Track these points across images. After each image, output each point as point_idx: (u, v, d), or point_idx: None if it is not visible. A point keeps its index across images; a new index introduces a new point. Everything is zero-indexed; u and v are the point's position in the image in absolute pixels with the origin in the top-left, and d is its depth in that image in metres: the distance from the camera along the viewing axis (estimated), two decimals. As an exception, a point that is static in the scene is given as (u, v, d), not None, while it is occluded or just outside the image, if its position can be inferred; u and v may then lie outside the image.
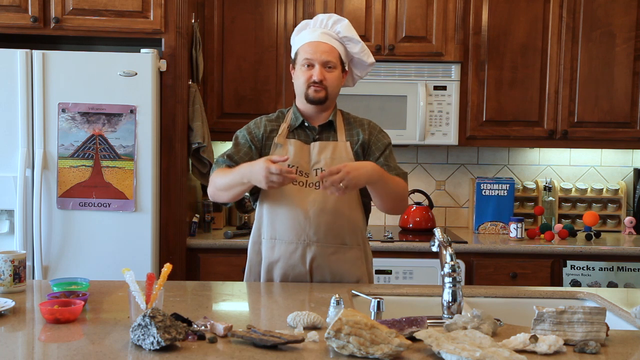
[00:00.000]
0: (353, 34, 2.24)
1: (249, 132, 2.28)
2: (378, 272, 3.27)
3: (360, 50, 2.27)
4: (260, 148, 2.27)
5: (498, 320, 1.73)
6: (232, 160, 2.23)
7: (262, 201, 2.27)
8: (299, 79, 2.23)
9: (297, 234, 2.20)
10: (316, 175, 2.20)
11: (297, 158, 2.22)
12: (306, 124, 2.27)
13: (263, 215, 2.27)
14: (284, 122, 2.29)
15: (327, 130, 2.27)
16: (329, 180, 1.97)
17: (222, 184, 2.17)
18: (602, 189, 3.84)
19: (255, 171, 2.01)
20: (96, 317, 1.78)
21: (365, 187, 2.21)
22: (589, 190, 3.86)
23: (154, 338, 1.47)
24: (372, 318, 1.74)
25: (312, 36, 2.23)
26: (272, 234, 2.24)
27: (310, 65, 2.20)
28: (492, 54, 3.56)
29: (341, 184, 1.98)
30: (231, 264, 3.27)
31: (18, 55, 3.03)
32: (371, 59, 2.32)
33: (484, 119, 3.59)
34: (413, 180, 3.94)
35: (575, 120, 3.59)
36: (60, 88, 3.05)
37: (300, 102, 2.27)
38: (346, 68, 2.30)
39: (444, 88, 3.52)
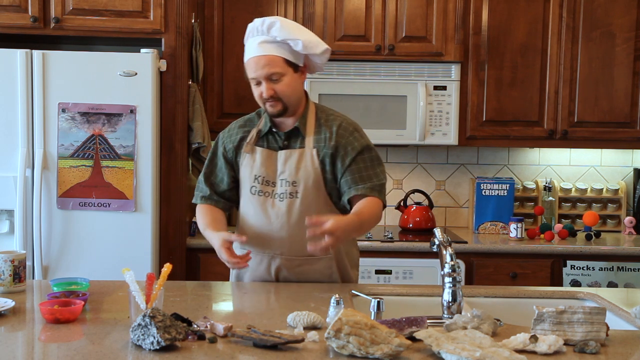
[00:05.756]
0: (289, 34, 2.08)
1: (223, 145, 2.27)
2: (378, 272, 3.27)
3: (304, 46, 2.09)
4: (232, 159, 2.25)
5: (498, 320, 1.73)
6: (207, 185, 2.28)
7: (240, 207, 2.28)
8: (254, 94, 2.16)
9: (262, 246, 2.18)
10: (281, 186, 2.15)
11: (263, 167, 2.17)
12: (274, 129, 2.20)
13: (238, 223, 2.30)
14: (257, 126, 2.23)
15: (294, 136, 2.19)
16: (319, 246, 1.91)
17: (200, 228, 2.29)
18: (602, 189, 3.84)
19: (214, 244, 2.14)
20: (96, 317, 1.78)
21: (337, 190, 2.19)
22: (589, 190, 3.86)
23: (154, 338, 1.47)
24: (372, 318, 1.74)
25: (251, 49, 2.12)
26: (243, 244, 2.22)
27: (258, 82, 2.11)
28: (492, 54, 3.56)
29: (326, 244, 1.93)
30: (231, 264, 3.27)
31: (18, 55, 3.03)
32: (321, 47, 2.14)
33: (484, 119, 3.59)
34: (413, 180, 3.94)
35: (575, 120, 3.59)
36: (60, 88, 3.05)
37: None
38: (300, 64, 2.15)
39: (444, 88, 3.52)
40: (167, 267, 1.66)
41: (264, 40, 2.10)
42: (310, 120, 2.20)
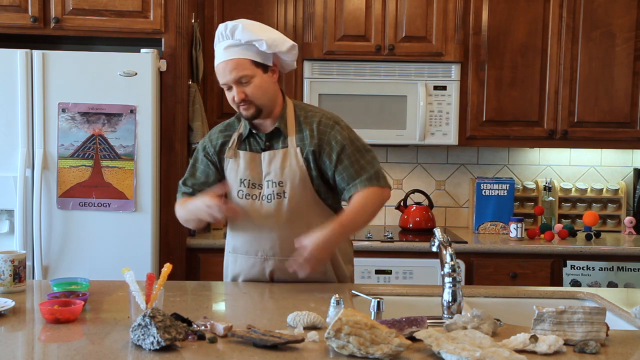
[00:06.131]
0: (253, 36, 2.07)
1: (204, 149, 2.25)
2: (378, 272, 3.27)
3: (268, 45, 2.08)
4: (215, 163, 2.24)
5: (498, 320, 1.73)
6: (187, 186, 2.25)
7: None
8: (227, 99, 2.15)
9: (254, 249, 2.18)
10: (267, 187, 2.14)
11: (248, 170, 2.16)
12: (254, 132, 2.19)
13: (228, 228, 2.28)
14: (237, 130, 2.22)
15: (276, 137, 2.17)
16: (302, 273, 1.99)
17: (182, 218, 2.23)
18: (602, 189, 3.84)
19: (200, 209, 2.07)
20: (96, 317, 1.78)
21: (324, 187, 2.18)
22: (589, 190, 3.86)
23: (154, 338, 1.47)
24: (372, 318, 1.74)
25: (218, 55, 2.12)
26: (234, 247, 2.24)
27: (229, 87, 2.11)
28: (492, 54, 3.56)
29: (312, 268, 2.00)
30: (231, 264, 3.27)
31: (18, 55, 3.03)
32: (286, 44, 2.12)
33: (484, 119, 3.59)
34: (413, 180, 3.94)
35: (575, 120, 3.59)
36: (60, 88, 3.05)
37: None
38: (270, 64, 2.13)
39: (444, 88, 3.52)
40: (167, 267, 1.66)
41: (229, 44, 2.09)
42: (290, 119, 2.19)
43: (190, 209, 2.14)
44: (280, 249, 2.17)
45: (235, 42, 2.09)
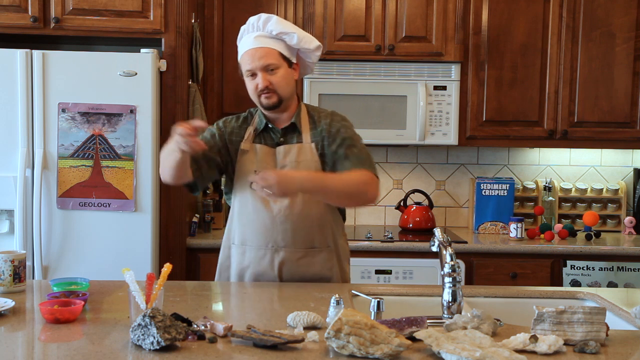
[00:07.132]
0: (285, 28, 2.16)
1: (217, 127, 2.26)
2: (378, 272, 3.27)
3: (299, 40, 2.17)
4: (226, 142, 2.23)
5: (498, 320, 1.73)
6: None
7: (233, 205, 2.27)
8: (249, 88, 2.20)
9: (265, 240, 2.19)
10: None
11: (263, 163, 2.18)
12: (270, 126, 2.23)
13: (234, 220, 2.27)
14: (251, 125, 2.25)
15: (291, 132, 2.23)
16: (258, 186, 1.92)
17: (161, 167, 2.12)
18: (602, 189, 3.84)
19: (171, 144, 1.96)
20: (96, 317, 1.78)
21: None
22: (589, 190, 3.86)
23: (154, 338, 1.47)
24: (372, 318, 1.74)
25: (247, 43, 2.17)
26: (242, 239, 2.24)
27: (254, 74, 2.15)
28: (492, 54, 3.56)
29: (269, 191, 1.92)
30: (231, 264, 3.27)
31: (18, 55, 3.03)
32: (314, 43, 2.22)
33: (484, 119, 3.59)
34: (413, 180, 3.94)
35: (575, 120, 3.59)
36: (60, 88, 3.05)
37: (261, 108, 2.23)
38: (294, 61, 2.22)
39: (444, 88, 3.52)
40: (167, 267, 1.66)
41: (259, 34, 2.17)
42: (304, 117, 2.25)
43: (167, 150, 2.02)
44: (292, 240, 2.18)
45: (266, 33, 2.16)
